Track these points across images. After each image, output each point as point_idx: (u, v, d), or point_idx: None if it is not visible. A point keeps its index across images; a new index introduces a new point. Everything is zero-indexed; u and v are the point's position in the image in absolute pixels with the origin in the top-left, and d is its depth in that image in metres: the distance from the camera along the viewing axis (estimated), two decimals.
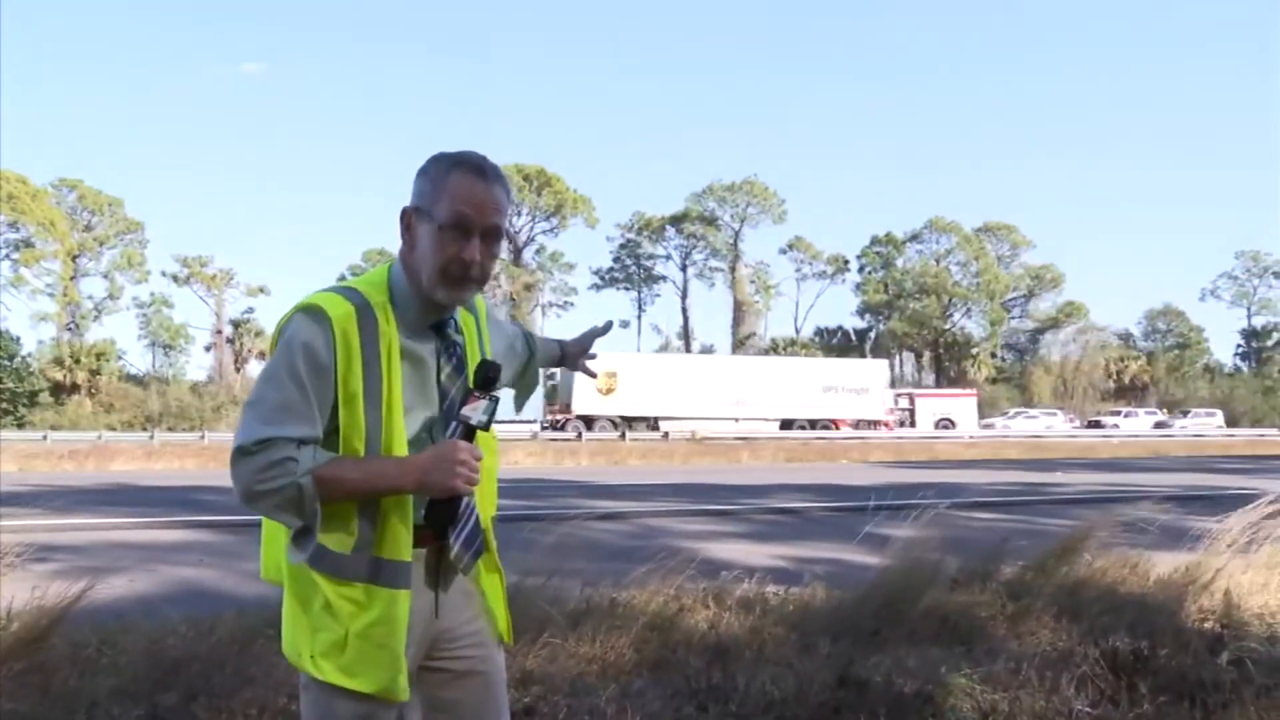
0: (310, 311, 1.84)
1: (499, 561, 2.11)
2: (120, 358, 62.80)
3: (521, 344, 2.50)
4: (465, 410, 1.85)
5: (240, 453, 1.78)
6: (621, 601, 4.75)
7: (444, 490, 1.80)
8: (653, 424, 42.80)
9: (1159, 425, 53.83)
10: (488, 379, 1.88)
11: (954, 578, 5.24)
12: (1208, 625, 4.92)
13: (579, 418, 42.12)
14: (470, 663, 2.04)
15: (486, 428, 1.87)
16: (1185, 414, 57.52)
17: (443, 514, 1.84)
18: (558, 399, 44.43)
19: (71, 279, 62.92)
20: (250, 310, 70.04)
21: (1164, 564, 5.79)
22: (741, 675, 3.94)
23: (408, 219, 1.95)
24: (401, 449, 1.87)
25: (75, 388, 56.17)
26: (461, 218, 1.88)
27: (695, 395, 43.43)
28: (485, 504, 2.07)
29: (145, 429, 44.63)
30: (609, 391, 42.27)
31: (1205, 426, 52.85)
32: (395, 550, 1.86)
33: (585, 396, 42.12)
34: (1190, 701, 3.69)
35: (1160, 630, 4.59)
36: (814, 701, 3.64)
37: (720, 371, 46.20)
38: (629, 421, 42.39)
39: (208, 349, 69.69)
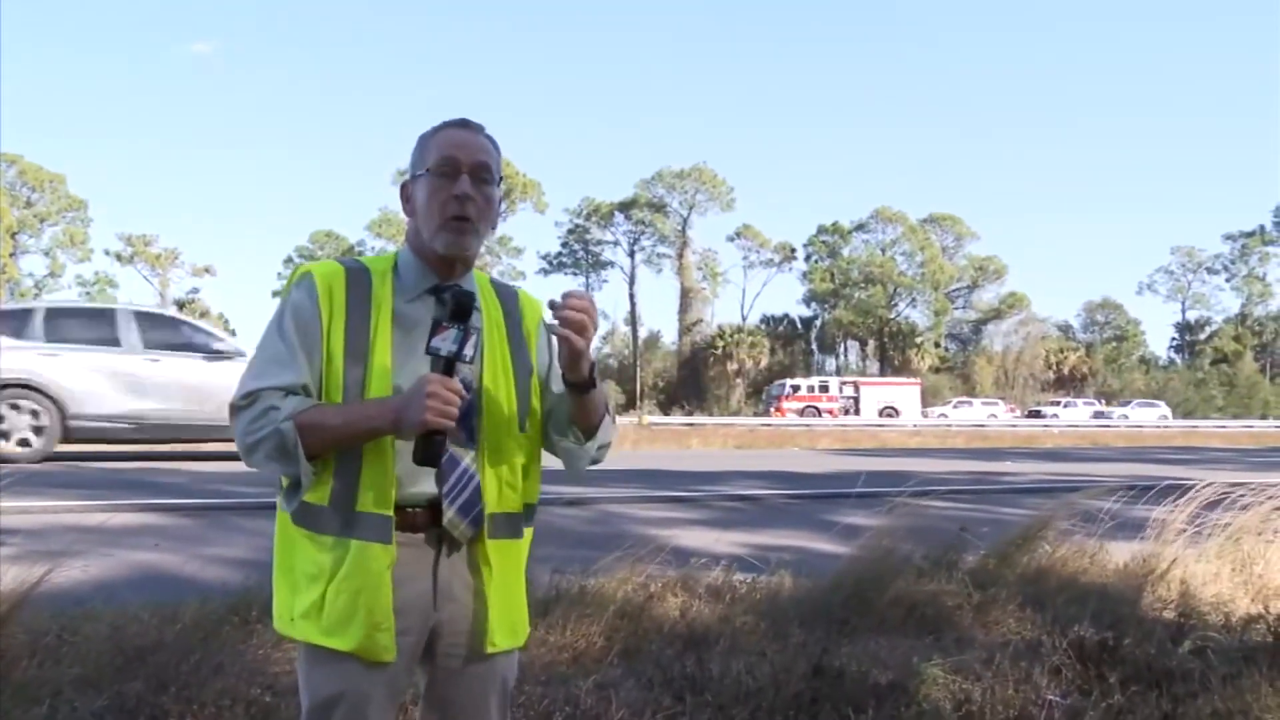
0: (301, 274, 1.95)
1: (510, 557, 2.01)
2: None
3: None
4: (434, 341, 1.82)
5: (233, 409, 1.88)
6: (591, 589, 4.71)
7: (417, 425, 1.77)
8: None
9: (1097, 415, 54.41)
10: (458, 308, 1.84)
11: (919, 567, 5.27)
12: (1167, 615, 5.01)
13: None
14: (464, 662, 1.98)
15: (458, 358, 1.81)
16: (1126, 404, 58.11)
17: (422, 452, 1.79)
18: None
19: (11, 256, 61.36)
20: (195, 290, 69.27)
21: (1120, 553, 5.89)
22: (715, 664, 3.93)
23: (405, 191, 2.02)
24: None
25: None
26: (447, 159, 1.93)
27: None
28: (506, 489, 2.00)
29: None
30: None
31: (1146, 418, 52.82)
32: (371, 502, 1.85)
33: None
34: (1158, 691, 3.74)
35: (1123, 620, 4.67)
36: (790, 691, 3.63)
37: None
38: None
39: None
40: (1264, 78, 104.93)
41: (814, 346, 79.18)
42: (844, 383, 56.52)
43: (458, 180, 1.91)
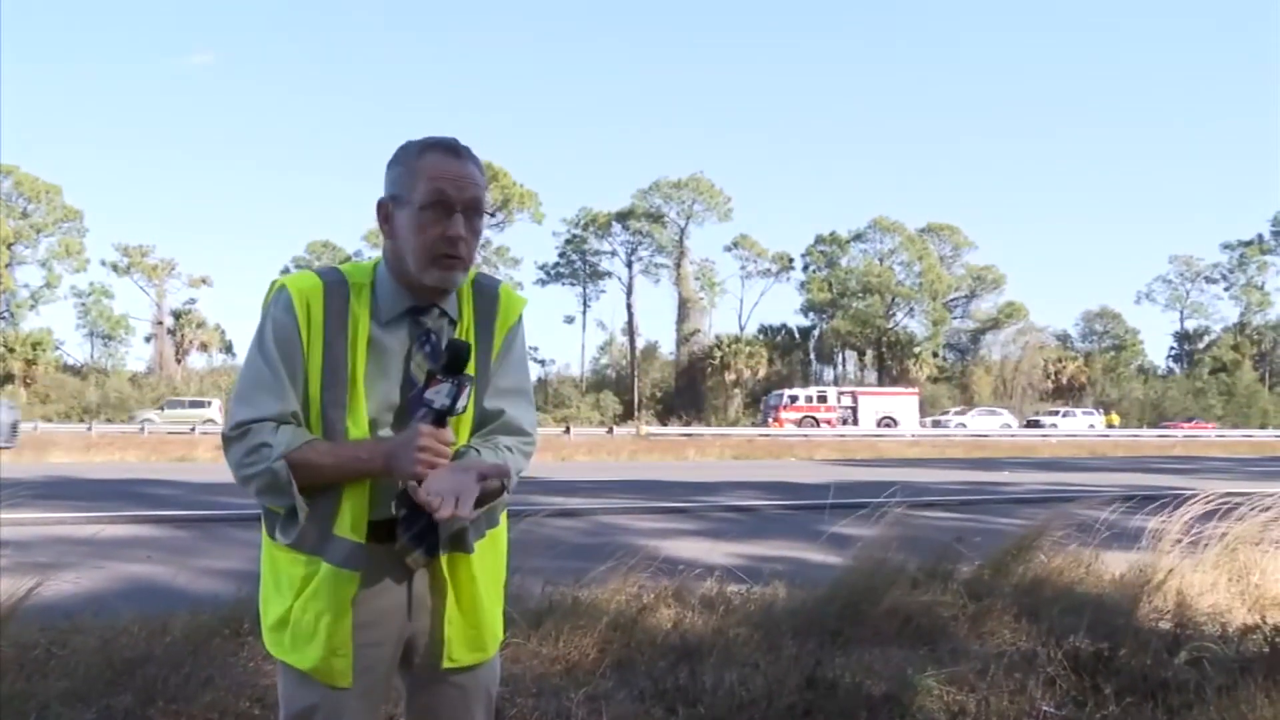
0: (277, 288, 1.89)
1: (473, 569, 1.96)
2: (57, 348, 61.67)
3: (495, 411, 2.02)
4: (427, 394, 1.80)
5: (225, 440, 1.84)
6: (584, 600, 4.69)
7: (408, 475, 1.75)
8: None
9: (935, 424, 52.98)
10: (453, 360, 1.82)
11: (914, 577, 5.25)
12: (1163, 625, 4.99)
13: None
14: (438, 672, 1.96)
15: (451, 412, 1.79)
16: (963, 411, 56.75)
17: (408, 501, 1.78)
18: None
19: (6, 267, 61.25)
20: (192, 301, 69.11)
21: (1115, 563, 5.87)
22: (708, 676, 3.91)
23: (384, 210, 1.92)
24: (359, 429, 1.84)
25: (10, 378, 55.02)
26: (441, 195, 1.85)
27: None
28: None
29: (82, 420, 43.81)
30: None
31: (988, 426, 50.74)
32: (345, 528, 1.83)
33: None
34: (1154, 702, 3.72)
35: (1119, 630, 4.65)
36: (783, 703, 3.60)
37: None
38: None
39: (148, 340, 68.63)
40: (1262, 86, 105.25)
41: (812, 356, 79.00)
42: (842, 393, 56.37)
43: (450, 220, 1.84)
